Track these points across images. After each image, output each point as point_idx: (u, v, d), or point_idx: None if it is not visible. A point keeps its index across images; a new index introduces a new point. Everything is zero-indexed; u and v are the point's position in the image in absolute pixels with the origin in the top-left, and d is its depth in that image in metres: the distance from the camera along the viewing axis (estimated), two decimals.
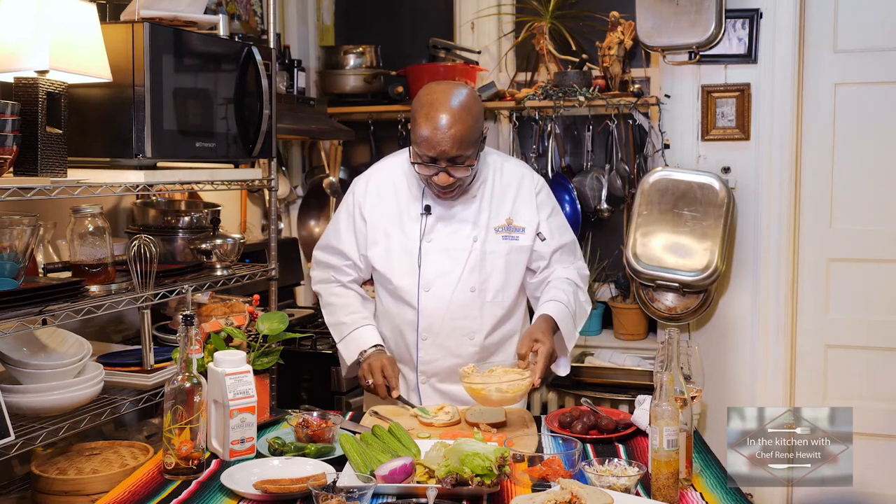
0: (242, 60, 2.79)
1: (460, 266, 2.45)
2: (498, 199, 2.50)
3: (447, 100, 2.28)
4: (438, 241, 2.47)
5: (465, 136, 2.27)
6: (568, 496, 1.65)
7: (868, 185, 3.57)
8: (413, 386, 2.53)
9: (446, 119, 2.26)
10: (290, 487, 1.76)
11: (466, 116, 2.28)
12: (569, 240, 2.58)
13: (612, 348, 3.89)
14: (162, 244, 2.67)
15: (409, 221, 2.49)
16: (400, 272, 2.48)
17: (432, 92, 2.33)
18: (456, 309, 2.45)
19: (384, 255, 2.50)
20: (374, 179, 2.56)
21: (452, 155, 2.28)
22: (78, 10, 2.16)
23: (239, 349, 2.16)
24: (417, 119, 2.30)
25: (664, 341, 1.81)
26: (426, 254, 2.46)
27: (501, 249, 2.48)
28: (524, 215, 2.50)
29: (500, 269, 2.48)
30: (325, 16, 4.50)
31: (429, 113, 2.28)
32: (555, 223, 2.55)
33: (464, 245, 2.46)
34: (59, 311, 2.10)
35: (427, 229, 2.47)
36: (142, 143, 2.39)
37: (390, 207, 2.51)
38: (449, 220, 2.47)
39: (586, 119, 3.87)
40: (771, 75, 3.55)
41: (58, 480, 2.17)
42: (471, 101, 2.32)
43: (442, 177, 2.33)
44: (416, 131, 2.30)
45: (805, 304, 3.66)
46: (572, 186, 3.87)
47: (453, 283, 2.45)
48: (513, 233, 2.49)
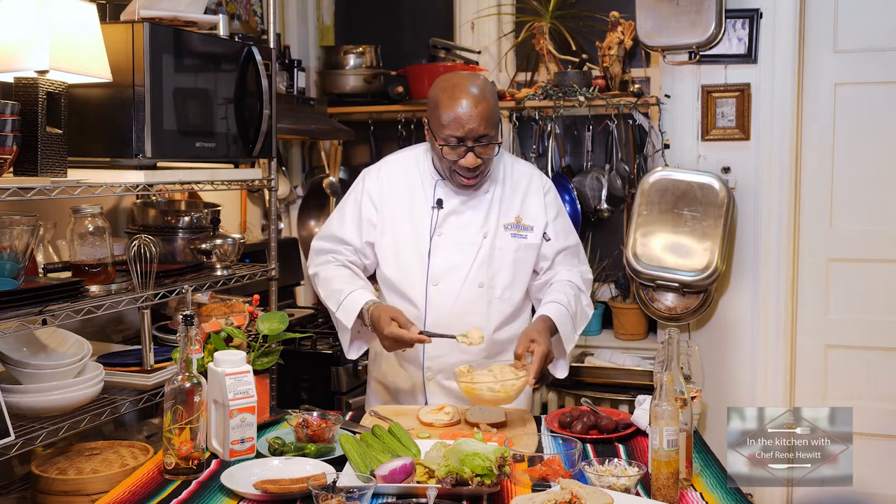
0: (242, 60, 2.79)
1: (469, 261, 2.46)
2: (508, 197, 2.51)
3: (468, 83, 2.36)
4: (449, 235, 2.47)
5: (490, 114, 2.34)
6: (568, 496, 1.65)
7: (868, 185, 3.57)
8: (419, 382, 2.53)
9: (472, 98, 2.33)
10: (290, 487, 1.76)
11: (489, 95, 2.36)
12: (573, 242, 2.59)
13: (612, 348, 3.89)
14: (162, 244, 2.67)
15: (419, 214, 2.49)
16: (408, 265, 2.48)
17: (451, 78, 2.41)
18: (463, 304, 2.45)
19: (392, 247, 2.50)
20: (387, 170, 2.56)
21: (480, 133, 2.33)
22: (78, 10, 2.16)
23: (239, 349, 2.16)
24: (442, 102, 2.35)
25: (664, 341, 1.81)
26: (436, 247, 2.46)
27: (510, 246, 2.49)
28: (533, 214, 2.52)
29: (509, 265, 2.48)
30: (325, 16, 4.50)
31: (453, 94, 2.34)
32: (560, 225, 2.56)
33: (473, 240, 2.47)
34: (59, 311, 2.10)
35: (438, 223, 2.47)
36: (142, 143, 2.39)
37: (402, 199, 2.51)
38: (460, 214, 2.49)
39: (586, 119, 3.87)
40: (771, 75, 3.55)
41: (58, 480, 2.17)
42: (488, 84, 2.43)
43: (470, 157, 2.36)
44: (441, 115, 2.34)
45: (805, 304, 3.66)
46: (572, 186, 3.87)
47: (462, 278, 2.45)
48: (521, 231, 2.50)
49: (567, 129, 4.12)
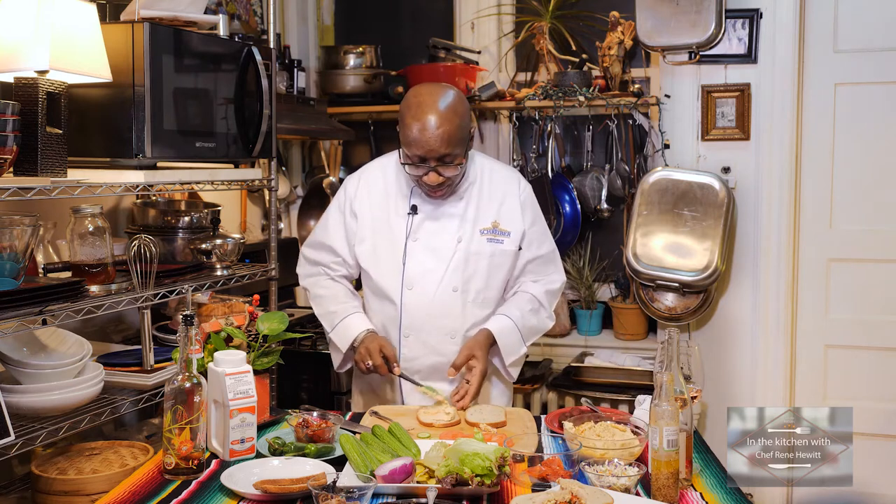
0: (242, 60, 2.79)
1: (444, 265, 2.48)
2: (485, 203, 2.53)
3: (434, 101, 2.34)
4: (424, 240, 2.50)
5: (452, 135, 2.32)
6: (568, 496, 1.65)
7: (868, 185, 3.57)
8: (395, 383, 2.55)
9: (434, 119, 2.31)
10: (290, 487, 1.76)
11: (453, 116, 2.33)
12: (546, 250, 2.60)
13: (612, 348, 3.89)
14: (162, 244, 2.67)
15: (396, 220, 2.52)
16: (384, 270, 2.51)
17: (419, 94, 2.38)
18: (438, 307, 2.47)
19: (371, 253, 2.53)
20: (366, 178, 2.60)
21: (441, 154, 2.33)
22: (78, 10, 2.16)
23: (239, 349, 2.16)
24: (406, 120, 2.35)
25: (664, 341, 1.81)
26: (411, 252, 2.49)
27: (486, 251, 2.50)
28: (510, 220, 2.53)
29: (483, 270, 2.50)
30: (325, 16, 4.50)
31: (416, 114, 2.33)
32: (535, 233, 2.57)
33: (448, 245, 2.49)
34: (59, 311, 2.09)
35: (413, 228, 2.50)
36: (142, 143, 2.39)
37: (379, 205, 2.54)
38: (435, 219, 2.51)
39: (586, 119, 3.87)
40: (771, 75, 3.55)
41: (58, 480, 2.17)
42: (457, 102, 2.37)
43: (432, 176, 2.37)
44: (404, 133, 2.35)
45: (805, 304, 3.66)
46: (572, 186, 3.87)
47: (436, 282, 2.47)
48: (498, 236, 2.51)
49: (567, 129, 4.12)
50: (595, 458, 1.89)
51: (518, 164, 3.93)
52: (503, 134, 4.12)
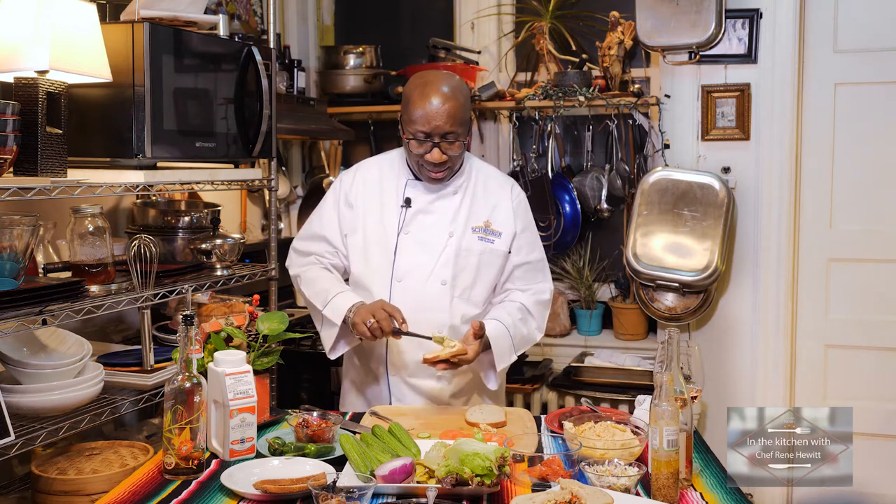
0: (242, 60, 2.79)
1: (433, 259, 2.49)
2: (479, 202, 2.54)
3: (440, 81, 2.43)
4: (415, 234, 2.51)
5: (457, 113, 2.39)
6: (568, 496, 1.65)
7: (868, 185, 3.57)
8: (383, 379, 2.54)
9: (441, 96, 2.39)
10: (290, 487, 1.76)
11: (458, 95, 2.42)
12: (536, 258, 2.60)
13: (612, 348, 3.89)
14: (162, 244, 2.67)
15: (389, 213, 2.53)
16: (375, 262, 2.51)
17: (424, 76, 2.48)
18: (426, 301, 2.47)
19: (362, 245, 2.54)
20: (362, 171, 2.63)
21: (445, 130, 2.39)
22: (78, 10, 2.16)
23: (239, 349, 2.16)
24: (412, 98, 2.41)
25: (664, 341, 1.81)
26: (402, 245, 2.50)
27: (476, 248, 2.51)
28: (502, 222, 2.54)
29: (473, 266, 2.51)
30: (325, 16, 4.50)
31: (423, 91, 2.40)
32: (525, 239, 2.57)
33: (439, 239, 2.50)
34: (59, 311, 2.10)
35: (406, 221, 2.51)
36: (142, 143, 2.39)
37: (373, 198, 2.56)
38: (427, 213, 2.52)
39: (586, 119, 3.87)
40: (771, 75, 3.55)
41: (58, 480, 2.17)
42: (461, 84, 2.48)
43: (435, 153, 2.41)
44: (410, 110, 2.41)
45: (805, 304, 3.66)
46: (572, 186, 3.87)
47: (425, 276, 2.48)
48: (489, 235, 2.53)
49: (567, 129, 4.12)
50: (595, 458, 1.89)
51: (518, 164, 3.93)
52: (503, 134, 4.12)
